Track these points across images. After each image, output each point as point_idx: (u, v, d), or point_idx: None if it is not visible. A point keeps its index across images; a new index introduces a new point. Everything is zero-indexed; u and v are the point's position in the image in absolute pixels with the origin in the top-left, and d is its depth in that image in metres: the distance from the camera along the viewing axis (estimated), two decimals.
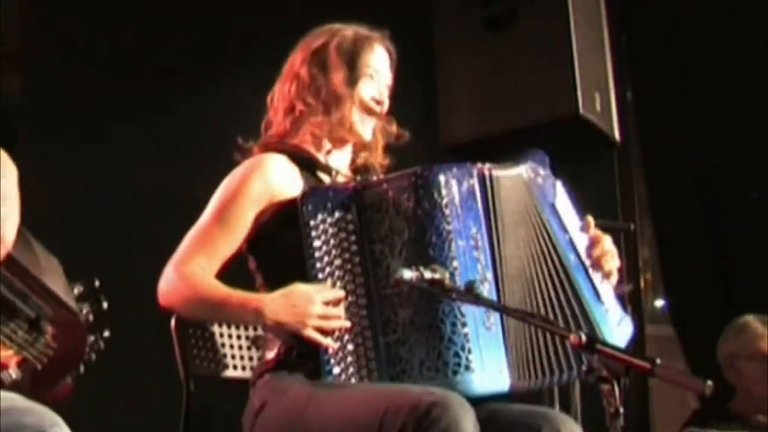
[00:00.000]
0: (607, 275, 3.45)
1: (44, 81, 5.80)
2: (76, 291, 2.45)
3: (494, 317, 3.21)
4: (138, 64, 5.71)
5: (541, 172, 3.52)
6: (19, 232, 2.18)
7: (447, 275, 2.93)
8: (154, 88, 5.65)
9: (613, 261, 3.45)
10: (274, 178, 3.50)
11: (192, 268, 3.45)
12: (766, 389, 4.67)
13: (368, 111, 3.60)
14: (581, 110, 4.65)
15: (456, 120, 5.02)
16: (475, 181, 3.33)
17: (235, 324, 3.71)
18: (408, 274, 2.90)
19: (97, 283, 2.49)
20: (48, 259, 2.36)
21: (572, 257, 3.39)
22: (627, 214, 5.40)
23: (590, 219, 3.52)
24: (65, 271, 2.40)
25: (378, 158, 3.73)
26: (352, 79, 3.59)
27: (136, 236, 3.90)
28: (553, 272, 3.34)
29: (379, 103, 3.62)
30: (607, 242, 3.46)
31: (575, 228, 3.49)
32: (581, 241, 3.47)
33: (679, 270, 5.65)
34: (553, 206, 3.47)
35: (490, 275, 3.26)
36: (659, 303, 5.98)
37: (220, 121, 5.20)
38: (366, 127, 3.62)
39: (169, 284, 3.45)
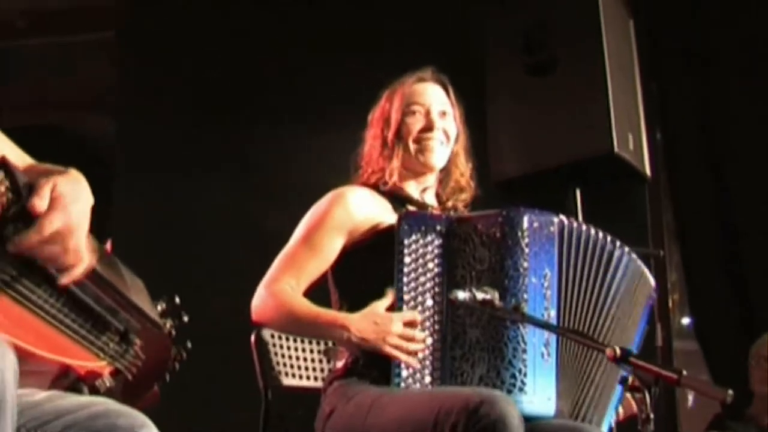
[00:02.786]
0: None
1: (137, 122, 6.07)
2: (159, 308, 2.40)
3: (552, 351, 3.24)
4: (224, 108, 5.84)
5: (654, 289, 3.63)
6: (109, 257, 2.20)
7: (497, 296, 2.93)
8: (240, 130, 5.77)
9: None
10: (354, 208, 3.51)
11: (282, 287, 3.47)
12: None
13: (418, 141, 3.58)
14: (616, 149, 4.57)
15: (504, 157, 4.93)
16: (555, 229, 3.37)
17: (322, 339, 3.69)
18: (462, 294, 2.92)
19: (177, 300, 2.43)
20: (133, 280, 2.33)
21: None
22: (657, 242, 5.38)
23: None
24: (153, 291, 2.37)
25: (464, 193, 3.71)
26: (406, 116, 3.61)
27: (217, 261, 3.90)
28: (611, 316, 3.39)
29: (428, 129, 3.60)
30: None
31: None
32: None
33: (703, 291, 5.63)
34: (648, 316, 3.58)
35: (553, 312, 3.28)
36: (685, 321, 5.98)
37: (299, 161, 5.36)
38: (430, 156, 3.60)
39: (261, 301, 3.48)
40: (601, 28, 4.70)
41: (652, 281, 3.64)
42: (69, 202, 1.99)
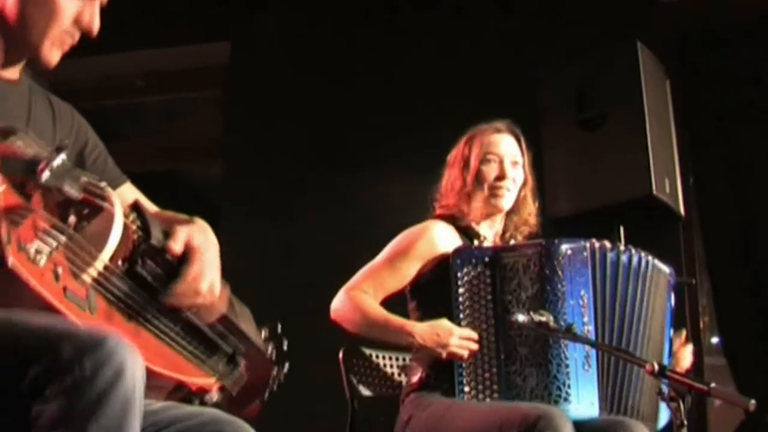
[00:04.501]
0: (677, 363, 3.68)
1: (241, 169, 6.20)
2: (263, 333, 2.47)
3: (592, 362, 3.38)
4: (320, 157, 5.92)
5: (672, 280, 3.75)
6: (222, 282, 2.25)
7: (552, 319, 3.06)
8: (334, 175, 5.82)
9: (683, 360, 3.73)
10: (435, 242, 3.67)
11: (359, 293, 3.66)
12: None
13: (492, 188, 3.72)
14: (655, 191, 4.64)
15: (558, 198, 4.97)
16: (588, 255, 3.49)
17: (389, 341, 3.71)
18: (521, 317, 3.07)
19: (279, 327, 2.49)
20: (242, 309, 2.41)
21: (667, 344, 3.66)
22: (689, 271, 5.31)
23: (683, 332, 3.78)
24: (257, 318, 2.46)
25: (527, 227, 3.87)
26: (483, 164, 3.75)
27: (314, 293, 3.88)
28: (643, 332, 3.55)
29: (501, 178, 3.73)
30: (687, 350, 3.75)
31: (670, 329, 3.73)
32: (673, 342, 3.71)
33: (730, 314, 5.59)
34: (672, 308, 3.73)
35: (591, 328, 3.40)
36: (714, 340, 5.86)
37: (387, 203, 5.40)
38: (501, 201, 3.74)
39: (340, 303, 3.67)
40: (642, 88, 4.75)
41: (666, 269, 3.71)
42: (203, 252, 2.14)
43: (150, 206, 2.44)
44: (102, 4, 2.33)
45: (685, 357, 3.71)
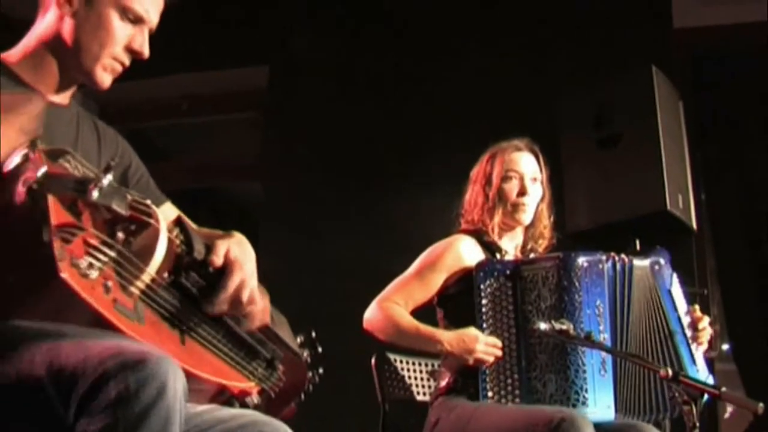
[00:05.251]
0: (701, 344, 3.59)
1: (279, 184, 6.24)
2: (299, 339, 2.50)
3: (608, 367, 3.39)
4: (354, 174, 5.97)
5: (662, 263, 3.66)
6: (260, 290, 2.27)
7: (571, 327, 3.05)
8: (368, 191, 5.89)
9: (706, 335, 3.62)
10: (461, 254, 3.72)
11: (391, 304, 3.70)
12: None
13: (513, 204, 3.75)
14: (668, 206, 4.68)
15: (576, 213, 5.02)
16: (604, 266, 3.50)
17: (419, 349, 3.70)
18: (543, 326, 3.06)
19: (314, 334, 2.51)
20: (279, 317, 2.42)
21: (678, 330, 3.57)
22: (701, 282, 5.27)
23: (696, 306, 3.69)
24: (294, 327, 2.49)
25: (544, 240, 3.88)
26: (504, 181, 3.76)
27: (347, 302, 3.85)
28: (663, 339, 3.53)
29: (522, 194, 3.75)
30: (705, 321, 3.64)
31: (683, 309, 3.64)
32: (686, 319, 3.61)
33: (739, 322, 5.61)
34: (669, 292, 3.64)
35: (607, 335, 3.41)
36: (725, 346, 5.80)
37: (417, 217, 5.37)
38: (522, 216, 3.77)
39: (372, 314, 3.71)
40: (657, 109, 4.78)
41: (644, 262, 3.62)
42: (242, 263, 2.17)
43: (189, 224, 2.46)
44: (151, 30, 2.41)
45: (703, 332, 3.64)
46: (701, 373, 3.49)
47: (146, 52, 2.39)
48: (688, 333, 3.60)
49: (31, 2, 2.41)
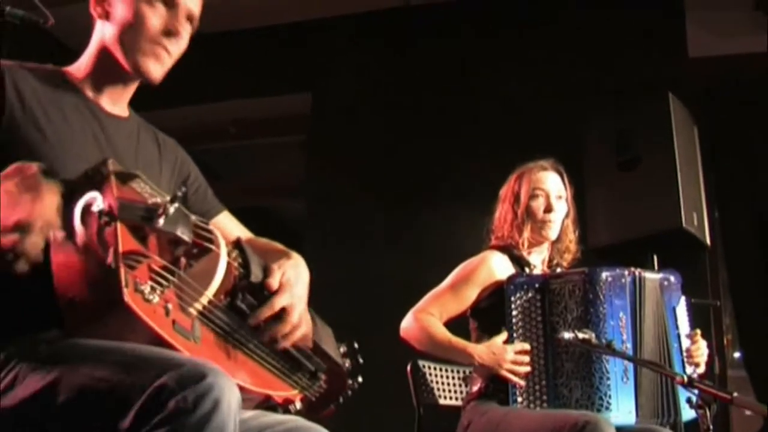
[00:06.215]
0: (695, 365, 3.61)
1: (323, 204, 6.29)
2: (341, 349, 2.48)
3: (630, 375, 3.41)
4: (393, 194, 6.01)
5: (672, 281, 3.68)
6: (307, 311, 2.27)
7: (593, 336, 3.07)
8: (405, 210, 5.92)
9: (701, 357, 3.63)
10: (494, 269, 3.75)
11: (426, 315, 3.72)
12: None
13: (541, 221, 3.77)
14: (684, 224, 4.68)
15: (598, 230, 5.03)
16: (626, 281, 3.53)
17: (452, 359, 3.74)
18: (567, 335, 3.10)
19: (356, 345, 2.50)
20: (324, 328, 2.42)
21: (675, 346, 3.59)
22: (714, 294, 5.34)
23: (697, 331, 3.67)
24: (337, 335, 2.50)
25: (569, 254, 3.89)
26: (531, 199, 3.79)
27: (387, 314, 3.89)
28: (662, 351, 3.54)
29: (548, 211, 3.77)
30: (702, 345, 3.64)
31: (684, 330, 3.66)
32: (685, 339, 3.64)
33: (750, 331, 5.65)
34: (674, 309, 3.65)
35: (630, 345, 3.45)
36: (737, 354, 5.90)
37: (452, 234, 5.41)
38: (548, 232, 3.79)
39: (408, 324, 3.74)
40: (673, 133, 4.82)
41: (655, 276, 3.64)
42: (293, 285, 2.16)
43: (244, 231, 2.55)
44: (191, 16, 2.35)
45: (698, 353, 3.64)
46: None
47: (181, 32, 2.32)
48: (684, 353, 3.64)
49: (87, 30, 2.41)
